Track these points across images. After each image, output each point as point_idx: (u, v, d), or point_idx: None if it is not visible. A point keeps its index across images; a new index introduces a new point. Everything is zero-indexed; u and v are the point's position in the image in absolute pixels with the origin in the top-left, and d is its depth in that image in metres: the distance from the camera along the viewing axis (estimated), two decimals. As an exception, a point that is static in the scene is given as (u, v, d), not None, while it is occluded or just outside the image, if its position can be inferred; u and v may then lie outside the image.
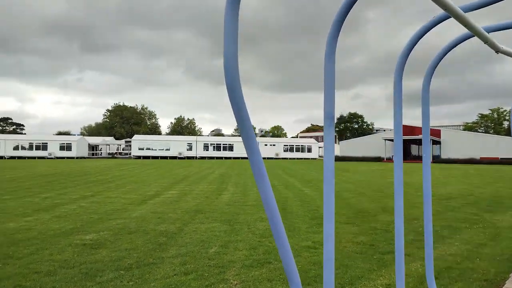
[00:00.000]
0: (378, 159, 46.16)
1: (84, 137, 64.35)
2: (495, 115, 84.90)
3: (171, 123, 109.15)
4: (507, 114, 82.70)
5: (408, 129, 46.88)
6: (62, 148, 54.54)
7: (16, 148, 53.70)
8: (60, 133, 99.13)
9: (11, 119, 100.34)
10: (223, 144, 59.12)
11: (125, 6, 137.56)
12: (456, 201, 10.72)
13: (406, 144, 47.96)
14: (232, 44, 1.31)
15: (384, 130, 76.03)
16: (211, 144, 59.17)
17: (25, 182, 15.85)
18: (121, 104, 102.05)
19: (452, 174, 22.71)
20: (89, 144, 60.66)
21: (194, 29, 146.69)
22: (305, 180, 17.53)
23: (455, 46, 2.72)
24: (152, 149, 57.01)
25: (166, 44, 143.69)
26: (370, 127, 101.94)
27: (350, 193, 12.37)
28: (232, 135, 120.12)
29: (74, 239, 5.95)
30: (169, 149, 57.32)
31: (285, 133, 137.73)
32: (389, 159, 46.89)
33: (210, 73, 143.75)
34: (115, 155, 64.17)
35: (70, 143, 54.83)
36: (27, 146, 54.04)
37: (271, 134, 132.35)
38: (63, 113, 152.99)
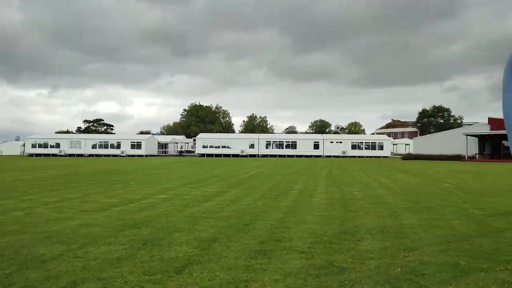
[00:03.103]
0: (458, 158, 40.11)
1: (155, 136, 67.52)
2: None
3: (244, 121, 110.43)
4: None
5: (498, 123, 39.95)
6: (133, 146, 57.66)
7: (94, 146, 58.20)
8: (142, 132, 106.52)
9: (102, 120, 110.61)
10: (285, 142, 57.17)
11: (212, 11, 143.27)
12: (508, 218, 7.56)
13: (495, 140, 40.96)
14: None
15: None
16: (273, 141, 57.62)
17: (42, 182, 15.91)
18: (197, 103, 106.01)
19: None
20: (158, 143, 63.36)
21: (276, 27, 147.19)
22: (333, 183, 14.94)
23: None
24: (215, 147, 57.40)
25: (250, 44, 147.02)
26: (459, 121, 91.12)
27: (369, 203, 9.73)
28: (306, 132, 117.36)
29: None
30: (231, 147, 57.14)
31: (363, 129, 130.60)
32: (472, 158, 40.50)
33: (292, 70, 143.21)
34: (182, 153, 66.18)
35: (140, 142, 57.72)
36: (103, 145, 58.22)
37: (347, 131, 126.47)
38: (155, 114, 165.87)
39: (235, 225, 7.01)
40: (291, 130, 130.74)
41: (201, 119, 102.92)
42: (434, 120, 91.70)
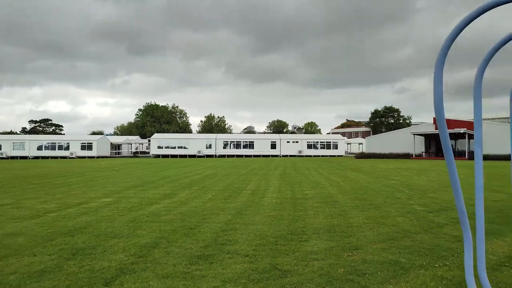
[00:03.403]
0: (407, 156, 42.06)
1: (107, 136, 64.85)
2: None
3: (201, 121, 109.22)
4: None
5: (441, 123, 42.29)
6: (83, 147, 54.95)
7: (40, 148, 54.77)
8: (94, 133, 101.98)
9: (50, 120, 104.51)
10: (243, 142, 57.10)
11: (170, 8, 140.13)
12: (443, 214, 7.84)
13: (437, 138, 43.39)
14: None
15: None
16: (231, 141, 57.35)
17: (-25, 186, 14.55)
18: (153, 103, 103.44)
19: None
20: (111, 143, 60.89)
21: (234, 28, 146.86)
22: (286, 182, 14.97)
23: None
24: (170, 148, 56.11)
25: (208, 44, 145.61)
26: (408, 121, 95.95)
27: (319, 202, 9.75)
28: (265, 132, 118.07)
29: None
30: (187, 148, 56.14)
31: (319, 129, 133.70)
32: (419, 156, 42.64)
33: (250, 71, 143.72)
34: (137, 154, 64.11)
35: (91, 143, 55.12)
36: (50, 146, 54.95)
37: (304, 130, 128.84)
38: (110, 114, 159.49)
39: (180, 229, 6.68)
40: (249, 130, 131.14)
41: (157, 119, 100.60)
42: (385, 120, 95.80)
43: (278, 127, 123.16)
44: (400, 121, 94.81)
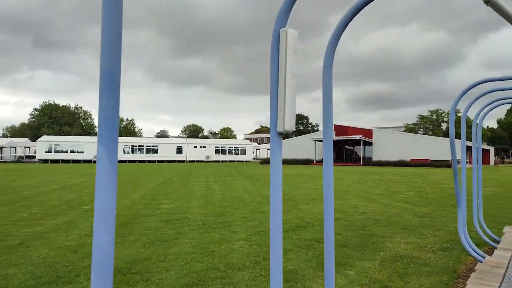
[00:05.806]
0: (308, 162, 42.63)
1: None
2: (434, 117, 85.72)
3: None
4: (446, 116, 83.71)
5: (342, 130, 43.84)
6: None
7: None
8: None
9: None
10: (146, 146, 53.21)
11: (80, 2, 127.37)
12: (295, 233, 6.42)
13: (339, 145, 44.91)
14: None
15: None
16: (132, 146, 53.04)
17: None
18: (52, 102, 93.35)
19: (364, 179, 19.02)
20: (-12, 147, 52.28)
21: (155, 28, 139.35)
22: (152, 193, 12.78)
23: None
24: (62, 152, 49.92)
25: (125, 42, 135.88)
26: (315, 128, 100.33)
27: (161, 220, 7.75)
28: (179, 137, 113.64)
29: None
30: (82, 152, 50.49)
31: (235, 134, 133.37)
32: (320, 161, 43.55)
33: (171, 74, 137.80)
34: (22, 159, 56.04)
35: (-42, 146, 46.47)
36: None
37: (219, 136, 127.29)
38: (10, 114, 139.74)
39: None
40: (162, 135, 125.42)
41: (56, 120, 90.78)
42: (296, 127, 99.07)
43: (194, 132, 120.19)
44: (309, 128, 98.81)
